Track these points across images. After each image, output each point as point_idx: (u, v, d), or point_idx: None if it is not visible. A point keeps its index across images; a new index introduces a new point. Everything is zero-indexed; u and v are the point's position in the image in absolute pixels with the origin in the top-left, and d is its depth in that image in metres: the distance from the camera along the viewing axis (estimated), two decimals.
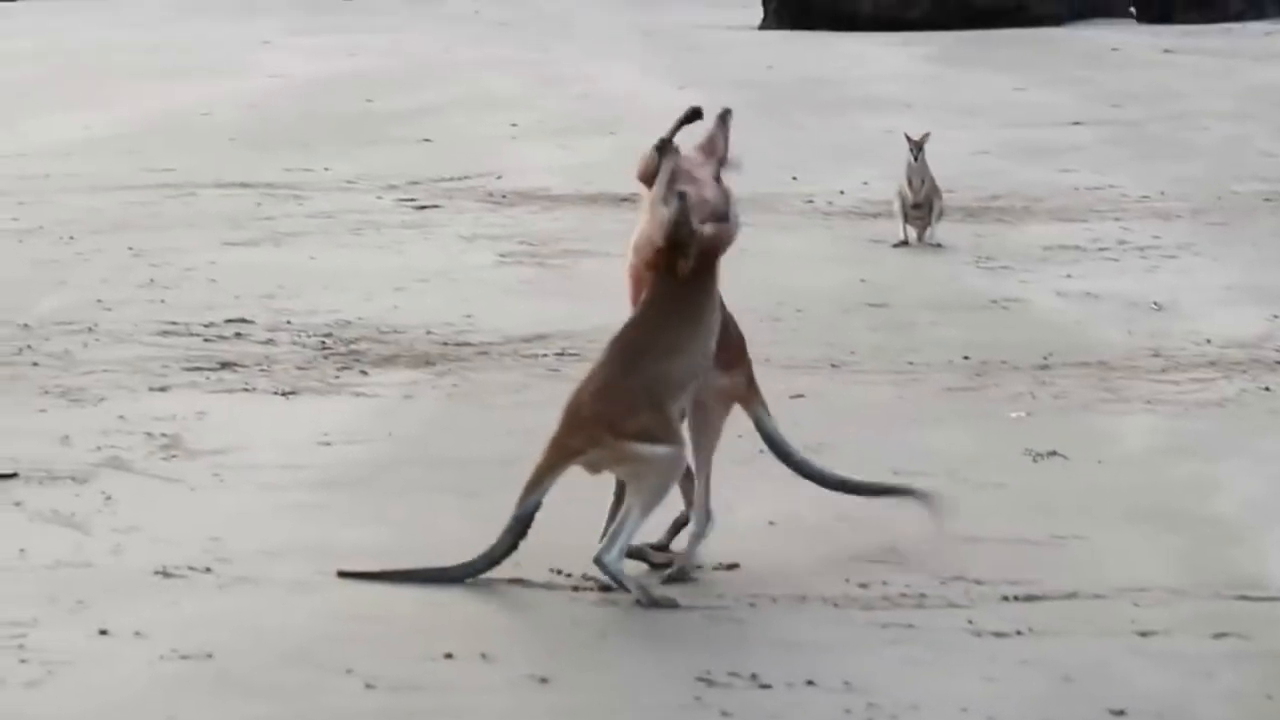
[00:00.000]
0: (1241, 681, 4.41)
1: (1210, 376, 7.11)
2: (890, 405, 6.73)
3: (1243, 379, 7.06)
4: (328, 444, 6.22)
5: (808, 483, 5.61)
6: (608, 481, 5.52)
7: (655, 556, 5.11)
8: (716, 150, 5.15)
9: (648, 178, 5.08)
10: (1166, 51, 20.53)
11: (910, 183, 9.82)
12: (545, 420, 5.73)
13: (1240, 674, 4.45)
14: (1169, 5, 24.54)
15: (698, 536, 5.07)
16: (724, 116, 5.20)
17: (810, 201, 11.14)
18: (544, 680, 4.39)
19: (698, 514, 5.07)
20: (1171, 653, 4.57)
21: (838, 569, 5.09)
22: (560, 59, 19.96)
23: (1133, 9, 24.89)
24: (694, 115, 5.20)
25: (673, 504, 5.09)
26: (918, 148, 9.86)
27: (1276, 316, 8.06)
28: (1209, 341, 7.65)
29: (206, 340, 7.68)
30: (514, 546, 4.94)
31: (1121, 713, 4.22)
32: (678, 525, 5.17)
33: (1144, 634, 4.67)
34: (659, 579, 4.99)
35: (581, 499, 5.50)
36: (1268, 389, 6.91)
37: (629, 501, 4.91)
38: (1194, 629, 4.70)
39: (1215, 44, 21.39)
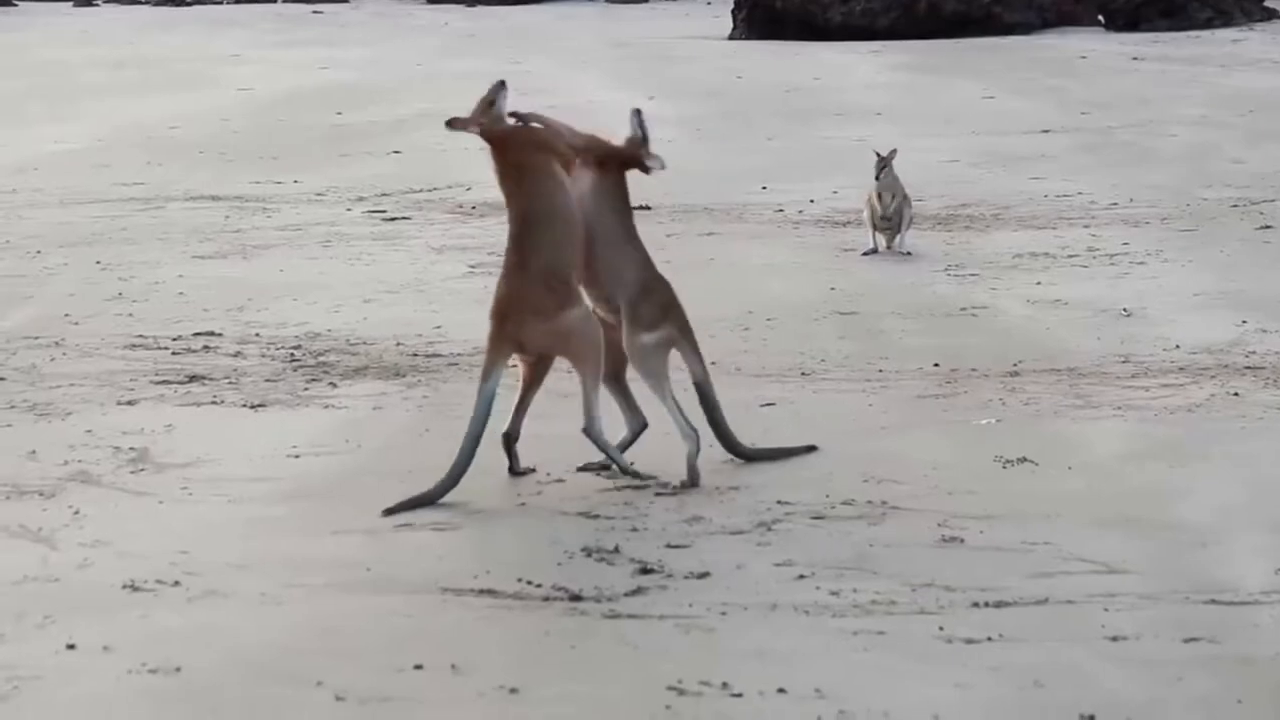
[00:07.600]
0: (1212, 686, 4.42)
1: (1179, 382, 7.12)
2: (861, 413, 6.73)
3: (1211, 384, 7.06)
4: (296, 456, 6.20)
5: (780, 491, 5.64)
6: (571, 498, 5.51)
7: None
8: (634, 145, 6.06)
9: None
10: (1135, 59, 20.60)
11: (880, 197, 9.82)
12: None
13: (1210, 678, 4.45)
14: (1137, 13, 24.64)
15: (693, 456, 5.82)
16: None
17: (780, 210, 11.15)
18: (514, 691, 4.38)
19: (687, 437, 5.83)
20: (1142, 657, 4.57)
21: (808, 576, 5.08)
22: (531, 70, 19.96)
23: (1101, 17, 24.97)
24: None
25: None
26: (883, 166, 9.86)
27: (1245, 322, 8.07)
28: (1178, 347, 7.66)
29: (174, 353, 7.66)
30: (480, 434, 5.71)
31: (1092, 717, 4.22)
32: (623, 445, 5.96)
33: (1114, 639, 4.67)
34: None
35: (548, 510, 5.49)
36: (1236, 394, 6.92)
37: (579, 374, 5.78)
38: (1164, 633, 4.71)
39: (1183, 51, 21.47)
